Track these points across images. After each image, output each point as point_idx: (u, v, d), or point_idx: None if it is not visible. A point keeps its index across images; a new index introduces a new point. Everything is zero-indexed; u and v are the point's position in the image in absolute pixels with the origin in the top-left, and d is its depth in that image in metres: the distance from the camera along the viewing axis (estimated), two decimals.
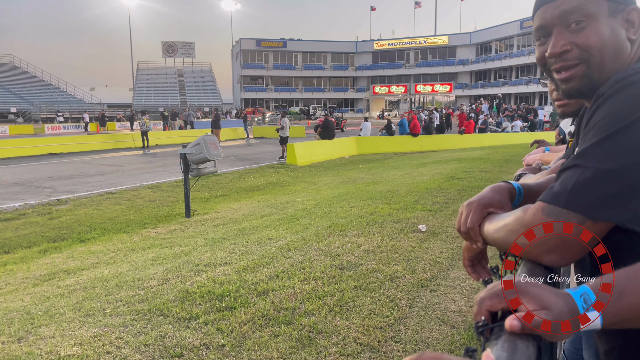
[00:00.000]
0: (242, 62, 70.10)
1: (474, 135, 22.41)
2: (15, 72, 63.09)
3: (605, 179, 0.75)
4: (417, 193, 8.18)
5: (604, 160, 0.76)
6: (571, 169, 0.80)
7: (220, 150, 8.29)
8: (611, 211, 0.74)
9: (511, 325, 0.58)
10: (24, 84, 58.65)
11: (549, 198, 0.80)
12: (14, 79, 59.71)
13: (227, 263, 4.68)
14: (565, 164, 0.83)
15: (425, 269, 4.25)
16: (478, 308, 0.65)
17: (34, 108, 50.70)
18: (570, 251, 0.78)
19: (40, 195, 10.30)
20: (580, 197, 0.76)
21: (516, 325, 0.58)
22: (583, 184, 0.76)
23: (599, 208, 0.75)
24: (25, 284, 4.81)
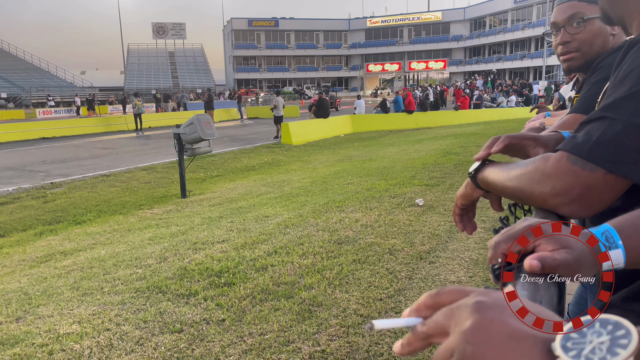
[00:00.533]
0: (233, 43, 69.23)
1: (469, 111, 22.34)
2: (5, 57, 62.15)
3: (636, 134, 0.70)
4: (414, 169, 8.15)
5: (636, 113, 0.71)
6: (598, 120, 0.75)
7: (214, 130, 8.20)
8: (636, 168, 0.70)
9: (531, 265, 0.55)
10: (14, 69, 57.83)
11: (570, 147, 0.76)
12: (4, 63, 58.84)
13: (224, 240, 4.66)
14: (591, 116, 0.77)
15: (423, 242, 4.25)
16: (493, 252, 0.62)
17: (25, 93, 50.11)
18: (592, 202, 0.74)
19: (34, 179, 10.22)
20: (605, 150, 0.71)
21: (536, 264, 0.55)
22: (611, 136, 0.72)
23: (624, 164, 0.70)
24: (22, 265, 4.78)
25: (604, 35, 1.37)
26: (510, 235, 0.61)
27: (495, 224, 4.74)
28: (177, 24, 74.50)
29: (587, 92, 1.23)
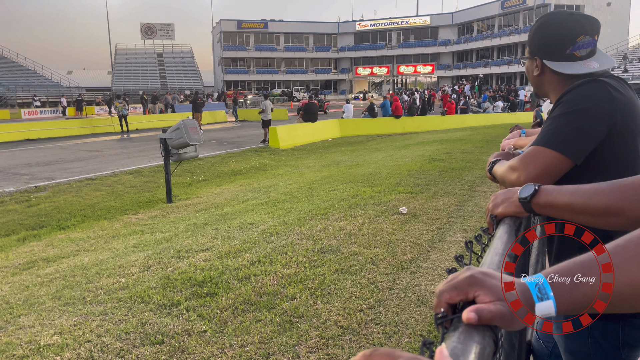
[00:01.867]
0: (222, 44, 69.04)
1: (455, 117, 22.54)
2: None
3: None
4: (399, 175, 8.23)
5: None
6: None
7: (201, 135, 8.21)
8: None
9: (467, 318, 0.59)
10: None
11: None
12: None
13: (208, 249, 4.68)
14: None
15: (405, 251, 4.31)
16: (437, 300, 0.66)
17: (10, 93, 49.45)
18: None
19: (18, 182, 10.12)
20: None
21: (472, 317, 0.59)
22: None
23: None
24: (4, 272, 4.75)
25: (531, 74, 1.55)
26: (452, 286, 0.66)
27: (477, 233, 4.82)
28: (165, 25, 74.05)
29: (548, 125, 1.32)
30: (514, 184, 1.33)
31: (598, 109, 1.27)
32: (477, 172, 8.42)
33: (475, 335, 0.59)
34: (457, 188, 7.04)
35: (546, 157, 1.28)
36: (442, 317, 0.63)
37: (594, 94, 1.28)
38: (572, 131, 1.27)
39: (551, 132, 1.30)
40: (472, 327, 0.60)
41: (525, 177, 1.29)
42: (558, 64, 1.43)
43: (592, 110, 1.27)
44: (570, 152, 1.26)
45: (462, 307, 0.66)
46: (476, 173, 8.30)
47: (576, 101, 1.29)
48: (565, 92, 1.35)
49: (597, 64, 1.39)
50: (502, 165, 1.46)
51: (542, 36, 1.46)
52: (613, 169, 1.29)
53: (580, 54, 1.39)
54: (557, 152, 1.27)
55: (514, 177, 1.33)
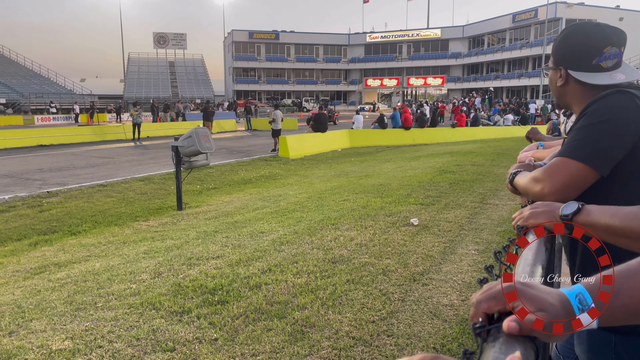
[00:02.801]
0: (234, 54, 69.63)
1: (466, 129, 22.48)
2: (5, 63, 62.23)
3: None
4: (410, 186, 8.20)
5: None
6: None
7: (212, 143, 8.25)
8: None
9: (509, 327, 0.58)
10: (13, 75, 57.88)
11: None
12: (4, 69, 58.90)
13: (219, 256, 4.67)
14: None
15: (417, 263, 4.27)
16: (475, 310, 0.65)
17: (24, 99, 50.13)
18: None
19: (30, 188, 10.21)
20: None
21: (514, 327, 0.58)
22: None
23: None
24: (16, 277, 4.77)
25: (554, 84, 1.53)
26: (490, 295, 0.65)
27: (489, 247, 4.78)
28: (178, 34, 74.90)
29: (573, 137, 1.31)
30: (537, 196, 1.32)
31: (624, 120, 1.26)
32: (489, 184, 8.37)
33: (516, 345, 0.57)
34: (469, 200, 6.99)
35: (572, 169, 1.26)
36: (481, 327, 0.62)
37: (620, 105, 1.27)
38: (599, 143, 1.25)
39: (577, 144, 1.29)
40: (513, 337, 0.59)
41: (549, 188, 1.28)
42: (584, 75, 1.42)
43: (618, 121, 1.26)
44: (597, 164, 1.24)
45: (499, 317, 0.65)
46: (487, 186, 8.25)
47: (602, 112, 1.28)
48: (590, 103, 1.33)
49: (624, 75, 1.38)
50: (524, 176, 1.45)
51: (567, 46, 1.45)
52: (636, 179, 1.28)
53: (606, 64, 1.38)
54: (583, 164, 1.25)
55: (538, 188, 1.31)
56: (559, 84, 1.50)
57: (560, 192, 1.26)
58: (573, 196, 1.25)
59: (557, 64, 1.49)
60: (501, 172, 9.99)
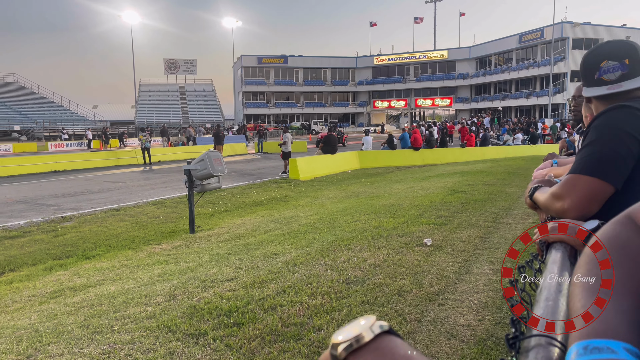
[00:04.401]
0: (243, 79, 70.60)
1: (475, 149, 22.46)
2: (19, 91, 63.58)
3: None
4: (421, 207, 8.19)
5: None
6: None
7: (224, 166, 8.33)
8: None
9: None
10: (27, 103, 59.08)
11: None
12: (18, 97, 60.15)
13: (233, 279, 4.68)
14: None
15: (432, 283, 4.25)
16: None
17: (37, 126, 51.01)
18: None
19: (45, 213, 10.33)
20: None
21: None
22: None
23: None
24: (32, 301, 4.81)
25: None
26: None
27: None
28: (188, 60, 76.21)
29: (582, 153, 1.35)
30: (559, 211, 1.34)
31: (626, 133, 1.30)
32: (501, 204, 8.33)
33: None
34: (481, 220, 6.96)
35: (587, 184, 1.29)
36: (514, 338, 0.63)
37: (620, 118, 1.33)
38: (605, 156, 1.29)
39: (586, 160, 1.32)
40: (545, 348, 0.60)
41: (570, 204, 1.30)
42: (587, 89, 1.52)
43: (620, 135, 1.30)
44: (610, 178, 1.27)
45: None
46: (500, 205, 8.21)
47: (604, 127, 1.34)
48: (593, 120, 1.39)
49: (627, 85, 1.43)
50: (544, 192, 1.47)
51: (580, 67, 1.56)
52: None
53: (608, 78, 1.45)
54: (596, 178, 1.28)
55: (559, 204, 1.34)
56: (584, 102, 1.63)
57: (581, 208, 1.28)
58: (594, 211, 1.27)
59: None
60: (513, 191, 9.95)
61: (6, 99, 57.68)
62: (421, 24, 73.62)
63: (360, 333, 0.44)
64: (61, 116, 57.32)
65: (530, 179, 2.35)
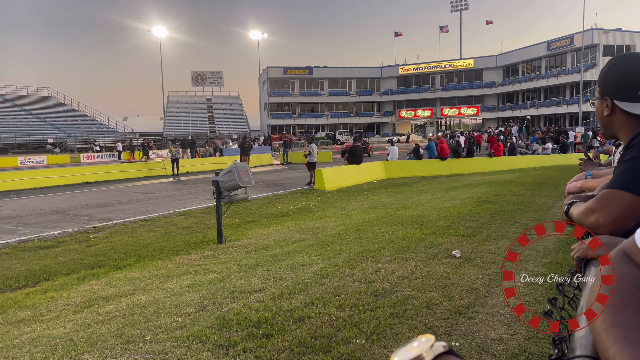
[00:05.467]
0: (269, 90, 71.39)
1: (503, 158, 22.11)
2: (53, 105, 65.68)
3: None
4: (449, 218, 8.10)
5: None
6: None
7: (251, 177, 8.41)
8: None
9: None
10: (60, 116, 60.98)
11: None
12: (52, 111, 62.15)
13: (261, 289, 4.71)
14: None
15: (462, 296, 4.19)
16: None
17: (70, 139, 52.54)
18: None
19: (78, 223, 10.60)
20: None
21: None
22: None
23: None
24: (66, 310, 4.93)
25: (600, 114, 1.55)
26: None
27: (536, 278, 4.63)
28: (215, 73, 77.57)
29: (622, 168, 1.33)
30: (592, 227, 1.32)
31: None
32: (531, 214, 8.17)
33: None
34: (511, 231, 6.84)
35: (624, 200, 1.26)
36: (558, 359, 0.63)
37: None
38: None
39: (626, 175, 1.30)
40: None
41: (604, 219, 1.28)
42: (629, 105, 1.45)
43: None
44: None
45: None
46: (529, 216, 8.06)
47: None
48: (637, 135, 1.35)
49: None
50: (579, 207, 1.45)
51: (613, 77, 1.48)
52: None
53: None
54: (634, 195, 1.26)
55: (593, 219, 1.32)
56: (605, 113, 1.51)
57: (615, 224, 1.26)
58: (628, 227, 1.25)
59: (603, 94, 1.51)
60: (543, 201, 9.75)
61: (41, 113, 59.67)
62: (447, 33, 73.26)
63: (420, 354, 0.45)
64: (93, 129, 58.98)
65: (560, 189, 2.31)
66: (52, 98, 68.33)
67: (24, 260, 7.60)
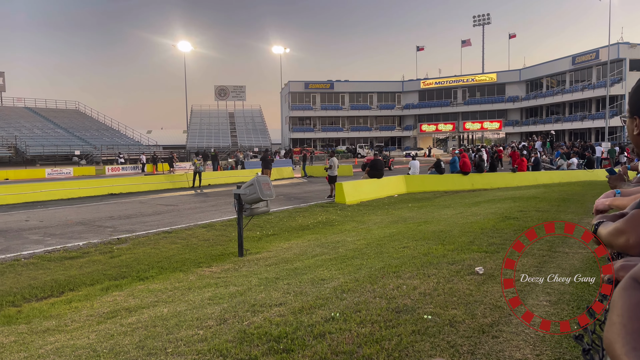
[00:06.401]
0: (290, 104, 71.96)
1: (527, 173, 21.77)
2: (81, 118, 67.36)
3: None
4: (472, 233, 7.99)
5: None
6: None
7: (272, 191, 8.46)
8: None
9: None
10: (87, 129, 62.47)
11: None
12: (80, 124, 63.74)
13: (282, 304, 4.70)
14: None
15: (485, 314, 4.11)
16: None
17: (96, 151, 53.70)
18: None
19: (102, 234, 10.78)
20: None
21: None
22: None
23: None
24: (90, 321, 5.00)
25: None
26: None
27: (562, 297, 4.53)
28: (237, 87, 78.63)
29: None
30: (622, 247, 1.29)
31: None
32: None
33: None
34: (536, 248, 6.70)
35: None
36: None
37: None
38: None
39: None
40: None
41: (634, 239, 1.25)
42: None
43: None
44: None
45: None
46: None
47: None
48: None
49: None
50: (608, 227, 1.42)
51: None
52: None
53: None
54: None
55: (622, 240, 1.29)
56: (635, 132, 1.48)
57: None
58: None
59: (632, 114, 1.48)
60: (569, 217, 9.55)
61: (69, 126, 61.25)
62: (469, 47, 72.97)
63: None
64: (118, 141, 60.21)
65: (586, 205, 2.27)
66: (79, 111, 70.14)
67: (50, 270, 7.75)
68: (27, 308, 5.89)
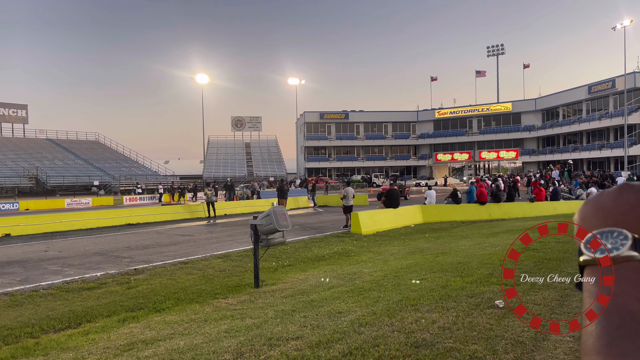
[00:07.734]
0: (305, 134, 72.59)
1: (545, 203, 21.48)
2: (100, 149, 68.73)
3: None
4: (491, 265, 7.86)
5: None
6: None
7: (288, 222, 8.47)
8: None
9: None
10: (106, 159, 63.65)
11: None
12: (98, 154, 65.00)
13: (299, 337, 4.65)
14: None
15: (507, 350, 4.02)
16: None
17: (115, 181, 54.53)
18: None
19: (120, 265, 10.85)
20: None
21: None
22: None
23: None
24: (107, 353, 4.99)
25: None
26: None
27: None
28: (253, 118, 79.77)
29: None
30: None
31: None
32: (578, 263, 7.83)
33: None
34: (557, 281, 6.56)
35: None
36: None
37: None
38: None
39: None
40: None
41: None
42: None
43: None
44: None
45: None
46: (577, 265, 7.71)
47: None
48: None
49: None
50: None
51: None
52: None
53: None
54: None
55: None
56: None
57: None
58: None
59: None
60: None
61: (89, 156, 62.48)
62: (483, 77, 73.30)
63: None
64: (136, 171, 61.10)
65: None
66: (99, 142, 71.63)
67: (68, 301, 7.80)
68: (45, 340, 5.91)
